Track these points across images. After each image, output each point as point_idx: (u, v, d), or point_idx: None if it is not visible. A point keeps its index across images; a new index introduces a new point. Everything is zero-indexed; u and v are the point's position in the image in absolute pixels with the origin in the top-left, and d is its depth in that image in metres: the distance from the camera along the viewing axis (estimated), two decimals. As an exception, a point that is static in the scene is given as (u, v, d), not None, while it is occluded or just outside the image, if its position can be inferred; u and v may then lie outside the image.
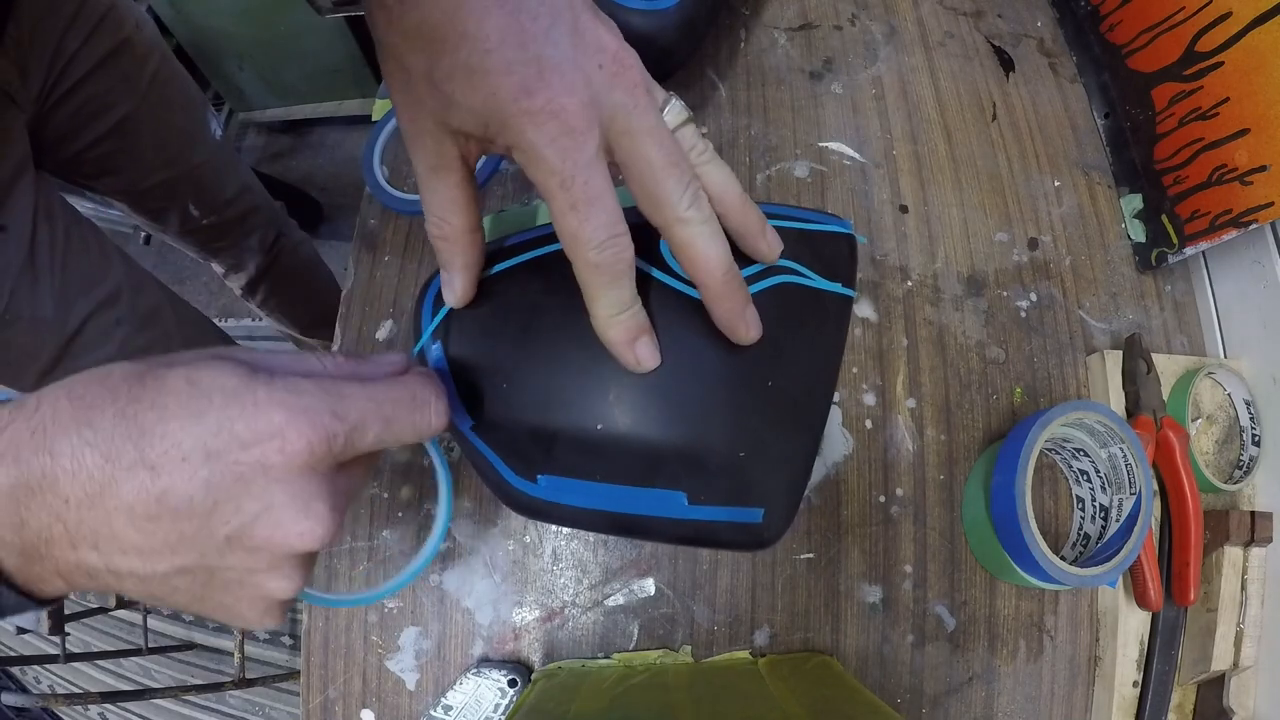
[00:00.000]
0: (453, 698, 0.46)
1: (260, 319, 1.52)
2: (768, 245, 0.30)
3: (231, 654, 1.06)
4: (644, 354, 0.28)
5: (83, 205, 1.16)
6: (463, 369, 0.31)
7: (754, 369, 0.30)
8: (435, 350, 0.31)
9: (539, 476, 0.29)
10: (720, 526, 0.30)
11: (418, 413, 0.26)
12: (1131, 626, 0.48)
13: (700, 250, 0.27)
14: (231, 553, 0.23)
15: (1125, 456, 0.45)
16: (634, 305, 0.28)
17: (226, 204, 0.93)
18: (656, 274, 0.30)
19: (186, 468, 0.22)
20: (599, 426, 0.29)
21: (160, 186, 0.83)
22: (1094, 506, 0.48)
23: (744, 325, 0.29)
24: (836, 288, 0.33)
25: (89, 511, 0.22)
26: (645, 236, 0.28)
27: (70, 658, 1.05)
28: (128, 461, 0.21)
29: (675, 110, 0.28)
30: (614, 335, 0.28)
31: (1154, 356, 0.52)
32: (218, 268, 1.05)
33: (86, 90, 0.69)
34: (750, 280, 0.30)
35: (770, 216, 0.31)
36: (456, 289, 0.30)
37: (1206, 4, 0.50)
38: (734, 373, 0.30)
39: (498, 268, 0.32)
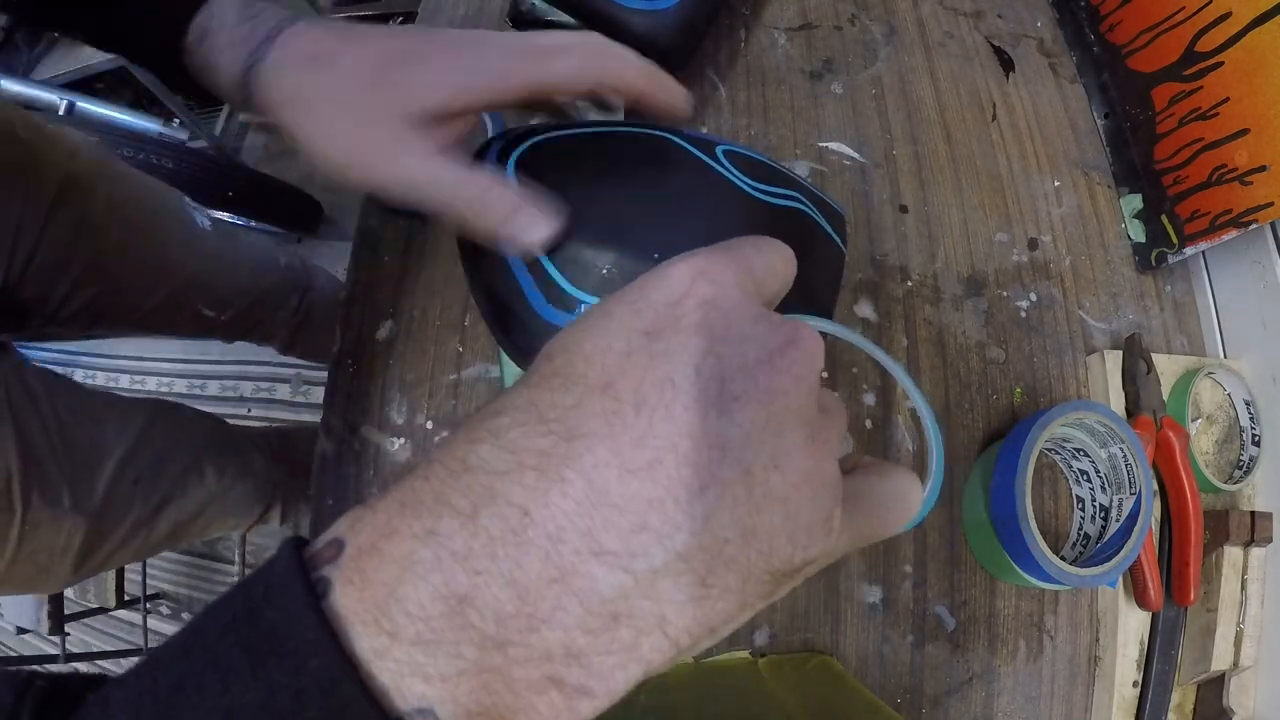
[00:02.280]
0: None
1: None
2: (675, 96, 0.31)
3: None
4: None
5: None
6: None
7: None
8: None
9: (580, 304, 0.30)
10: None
11: (777, 246, 0.23)
12: (1131, 626, 0.48)
13: (611, 69, 0.28)
14: (753, 423, 0.17)
15: (1125, 456, 0.45)
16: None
17: (241, 293, 0.85)
18: (714, 166, 0.32)
19: (639, 356, 0.17)
20: (655, 256, 0.30)
21: (160, 308, 0.75)
22: (1094, 506, 0.48)
23: (680, 98, 0.30)
24: (837, 239, 0.37)
25: (564, 499, 0.16)
26: (703, 145, 0.31)
27: (70, 658, 1.05)
28: (570, 403, 0.17)
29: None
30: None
31: (1154, 356, 0.52)
32: (250, 343, 0.97)
33: (42, 251, 0.61)
34: (772, 196, 0.33)
35: (785, 177, 0.35)
36: (539, 224, 0.28)
37: (1206, 4, 0.50)
38: None
39: (565, 132, 0.34)
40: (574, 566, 0.15)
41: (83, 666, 1.38)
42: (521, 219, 0.27)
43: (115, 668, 1.41)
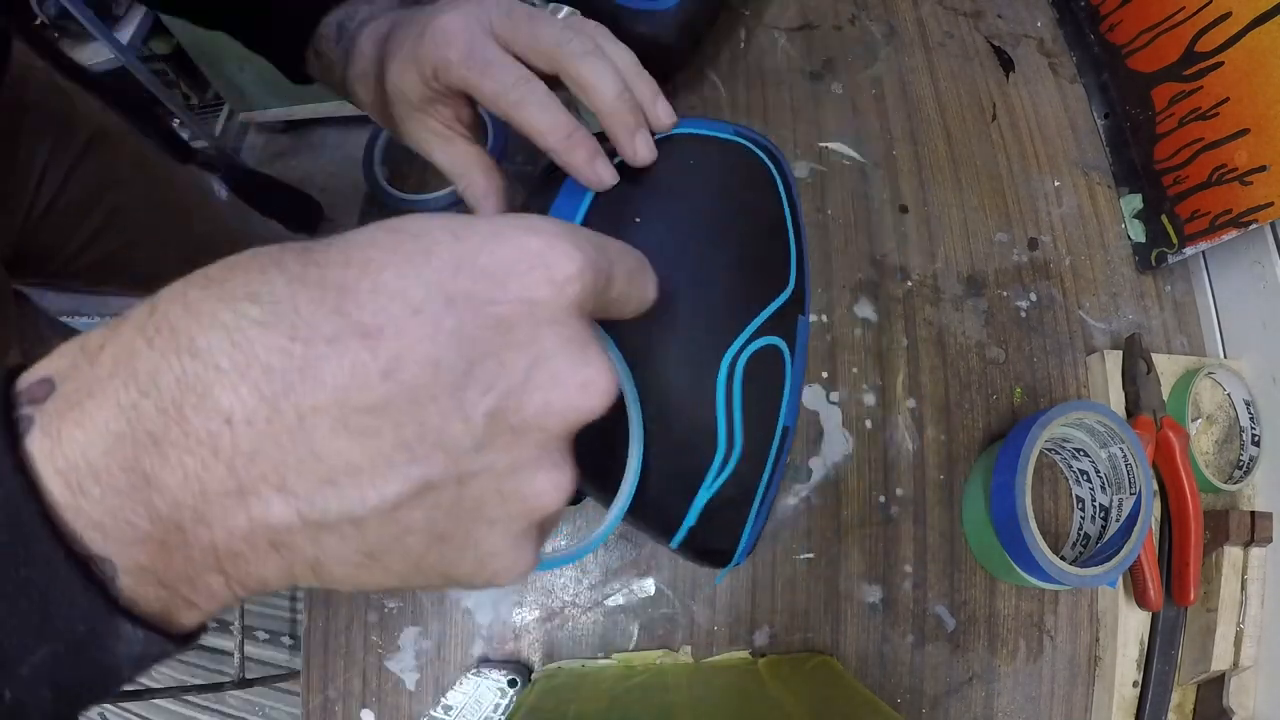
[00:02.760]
0: (453, 698, 0.46)
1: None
2: (662, 111, 0.30)
3: (231, 654, 1.06)
4: (603, 171, 0.29)
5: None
6: None
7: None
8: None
9: None
10: None
11: (646, 271, 0.22)
12: (1131, 626, 0.48)
13: (590, 77, 0.28)
14: (491, 442, 0.17)
15: (1125, 456, 0.45)
16: (576, 126, 0.29)
17: None
18: None
19: (423, 321, 0.16)
20: (637, 220, 0.30)
21: (171, 271, 0.76)
22: (1094, 506, 0.48)
23: (633, 145, 0.29)
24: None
25: (268, 427, 0.15)
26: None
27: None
28: (328, 332, 0.15)
29: (564, 11, 0.32)
30: (575, 156, 0.28)
31: (1154, 356, 0.52)
32: None
33: (67, 196, 0.63)
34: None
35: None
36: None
37: (1206, 4, 0.50)
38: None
39: None
40: (255, 489, 0.15)
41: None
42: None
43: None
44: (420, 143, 0.33)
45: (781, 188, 0.32)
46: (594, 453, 0.22)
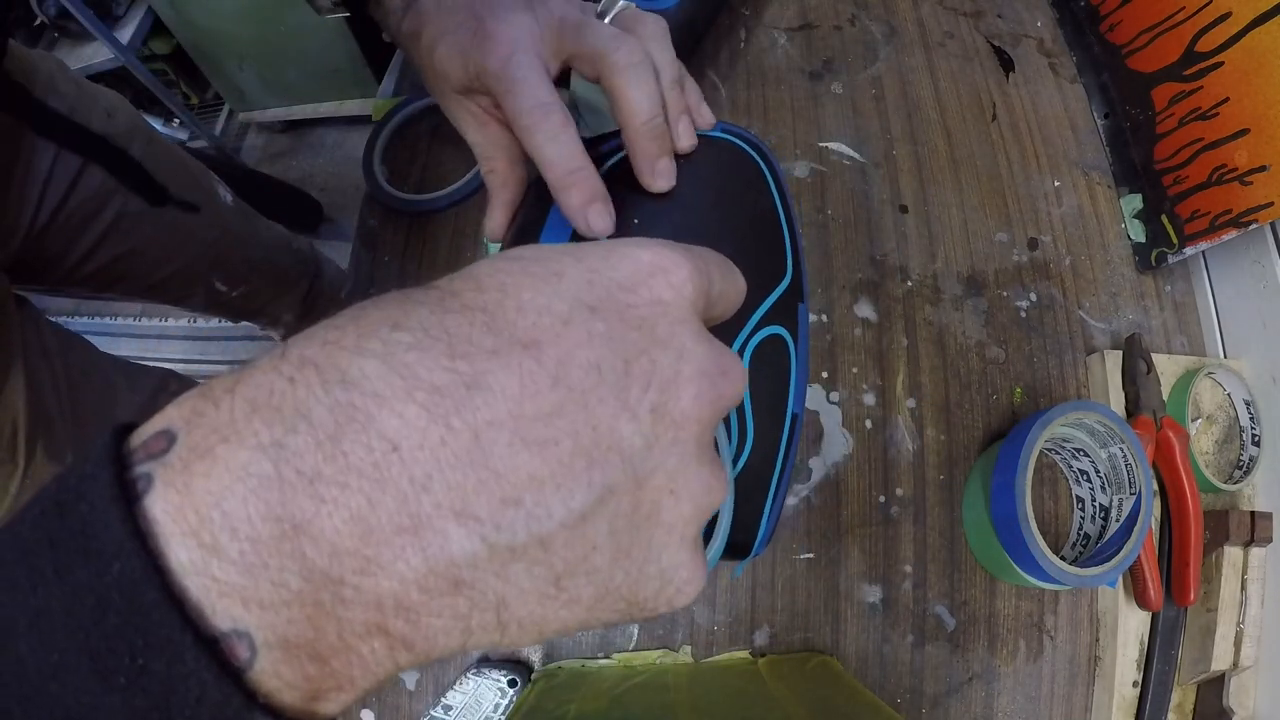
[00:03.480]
0: (453, 698, 0.46)
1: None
2: (683, 132, 0.31)
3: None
4: (595, 220, 0.28)
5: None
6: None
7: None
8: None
9: None
10: None
11: (734, 270, 0.22)
12: (1131, 626, 0.48)
13: (625, 94, 0.28)
14: (659, 439, 0.16)
15: (1125, 456, 0.45)
16: (580, 165, 0.28)
17: (254, 270, 0.86)
18: None
19: (576, 329, 0.16)
20: (635, 222, 0.30)
21: (177, 276, 0.75)
22: (1094, 506, 0.48)
23: (651, 175, 0.29)
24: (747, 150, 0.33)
25: (442, 449, 0.14)
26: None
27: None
28: (489, 346, 0.15)
29: (618, 6, 0.32)
30: (570, 198, 0.28)
31: (1154, 356, 0.52)
32: (253, 325, 0.98)
33: (70, 205, 0.62)
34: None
35: None
36: (495, 220, 0.33)
37: (1206, 4, 0.50)
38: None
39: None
40: (430, 520, 0.14)
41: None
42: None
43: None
44: (455, 118, 0.33)
45: (770, 180, 0.32)
46: None
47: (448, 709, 0.46)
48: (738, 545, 0.29)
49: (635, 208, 0.29)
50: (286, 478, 0.13)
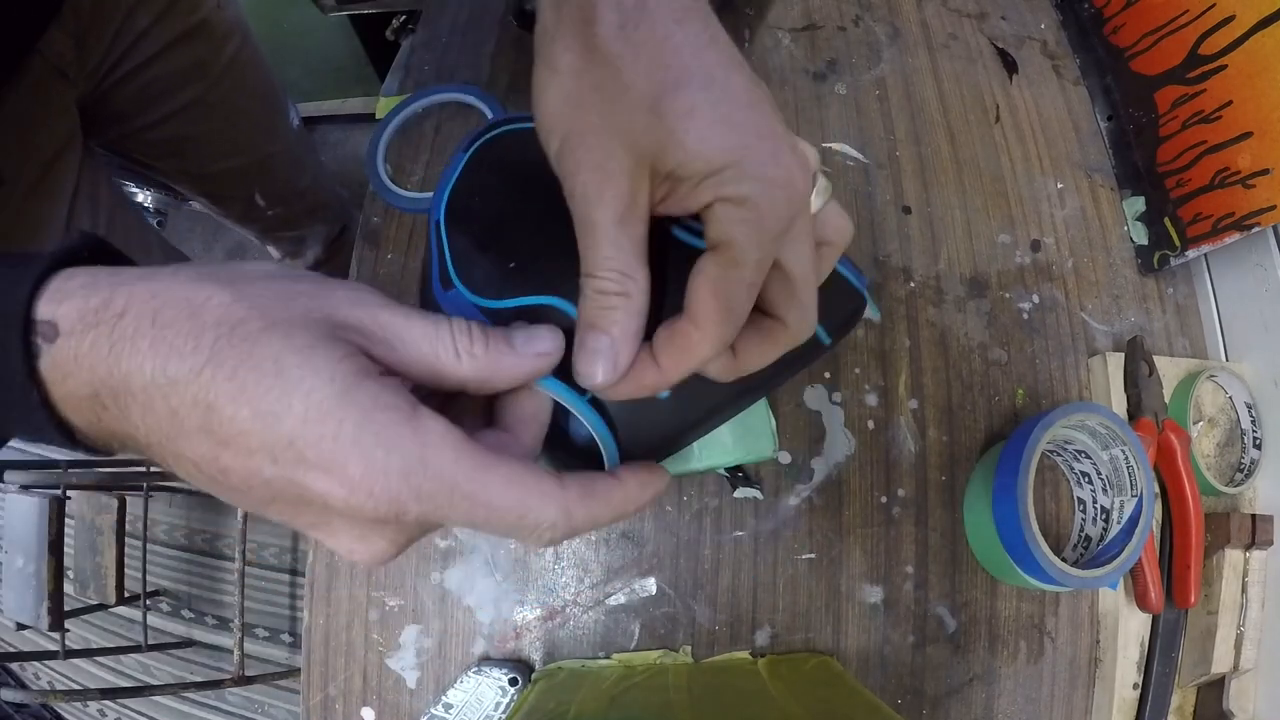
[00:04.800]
0: (453, 696, 0.46)
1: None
2: (807, 325, 0.25)
3: (231, 651, 1.07)
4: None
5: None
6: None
7: None
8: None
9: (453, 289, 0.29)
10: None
11: (521, 529, 0.22)
12: (1132, 628, 0.48)
13: (702, 298, 0.23)
14: (300, 515, 0.22)
15: (1127, 459, 0.45)
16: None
17: (296, 196, 0.89)
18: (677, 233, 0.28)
19: (250, 462, 0.20)
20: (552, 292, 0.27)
21: (227, 174, 0.79)
22: (1095, 508, 0.48)
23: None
24: (821, 334, 0.29)
25: (162, 446, 0.21)
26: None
27: (70, 654, 1.05)
28: (194, 425, 0.20)
29: (822, 189, 0.25)
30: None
31: (1156, 359, 0.52)
32: (274, 251, 1.01)
33: (154, 70, 0.64)
34: (695, 235, 0.27)
35: None
36: (621, 359, 0.23)
37: (1210, 7, 0.50)
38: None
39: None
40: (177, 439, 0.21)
41: (82, 663, 1.38)
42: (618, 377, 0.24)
43: (115, 665, 1.41)
44: (603, 192, 0.23)
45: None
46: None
47: (448, 707, 0.46)
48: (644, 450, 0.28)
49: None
50: (97, 392, 0.20)
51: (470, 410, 0.26)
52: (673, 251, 0.27)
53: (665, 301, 0.25)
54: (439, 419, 0.21)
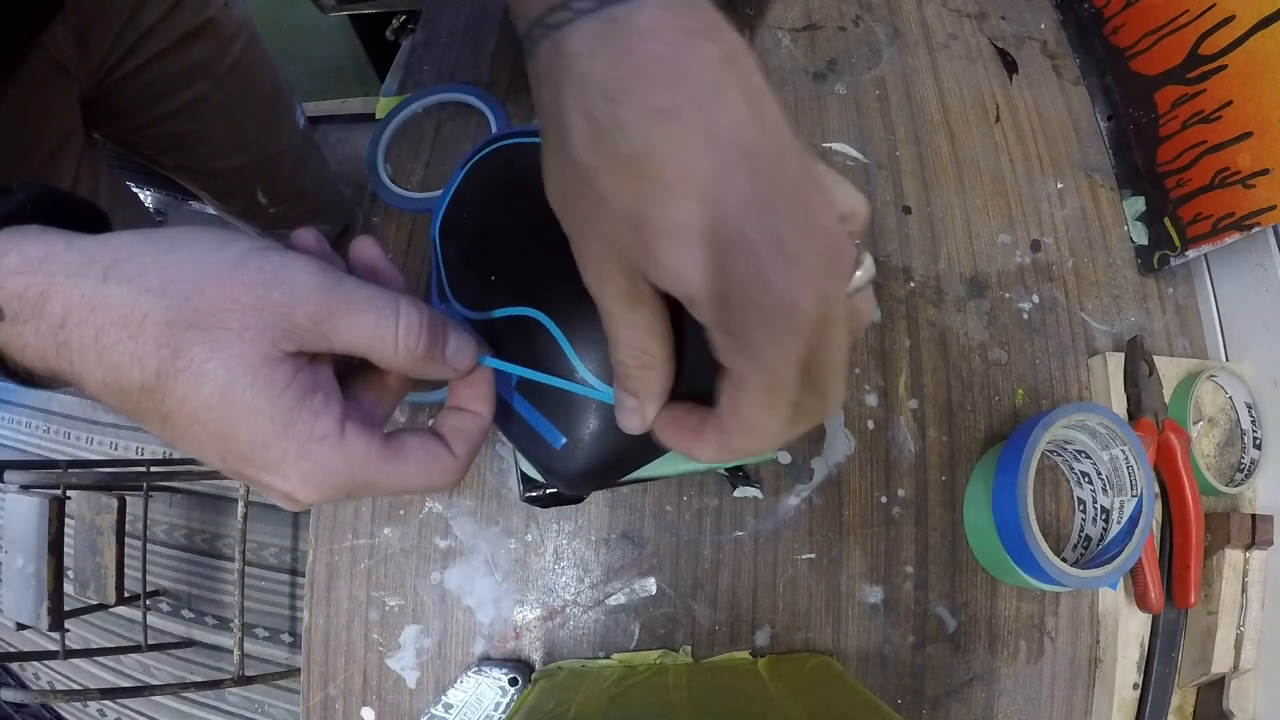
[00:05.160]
0: (453, 696, 0.46)
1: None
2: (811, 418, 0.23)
3: (231, 651, 1.07)
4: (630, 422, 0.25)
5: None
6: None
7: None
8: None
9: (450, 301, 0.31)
10: (525, 424, 0.29)
11: (432, 491, 0.27)
12: (1132, 628, 0.48)
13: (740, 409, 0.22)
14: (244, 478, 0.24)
15: (1127, 458, 0.45)
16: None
17: (297, 196, 0.89)
18: None
19: (203, 450, 0.23)
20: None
21: (229, 171, 0.79)
22: (1095, 508, 0.48)
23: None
24: None
25: (117, 409, 0.22)
26: None
27: (70, 654, 1.05)
28: (150, 417, 0.22)
29: (866, 268, 0.22)
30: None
31: (1156, 359, 0.52)
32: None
33: (159, 67, 0.64)
34: None
35: None
36: (648, 415, 0.24)
37: (1210, 8, 0.50)
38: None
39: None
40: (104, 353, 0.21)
41: (82, 663, 1.38)
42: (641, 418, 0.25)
43: (115, 665, 1.41)
44: (602, 287, 0.22)
45: None
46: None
47: (448, 707, 0.46)
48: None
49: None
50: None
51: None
52: None
53: (701, 354, 0.24)
54: (360, 436, 0.24)
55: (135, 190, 1.22)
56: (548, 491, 0.39)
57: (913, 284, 0.55)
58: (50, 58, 0.56)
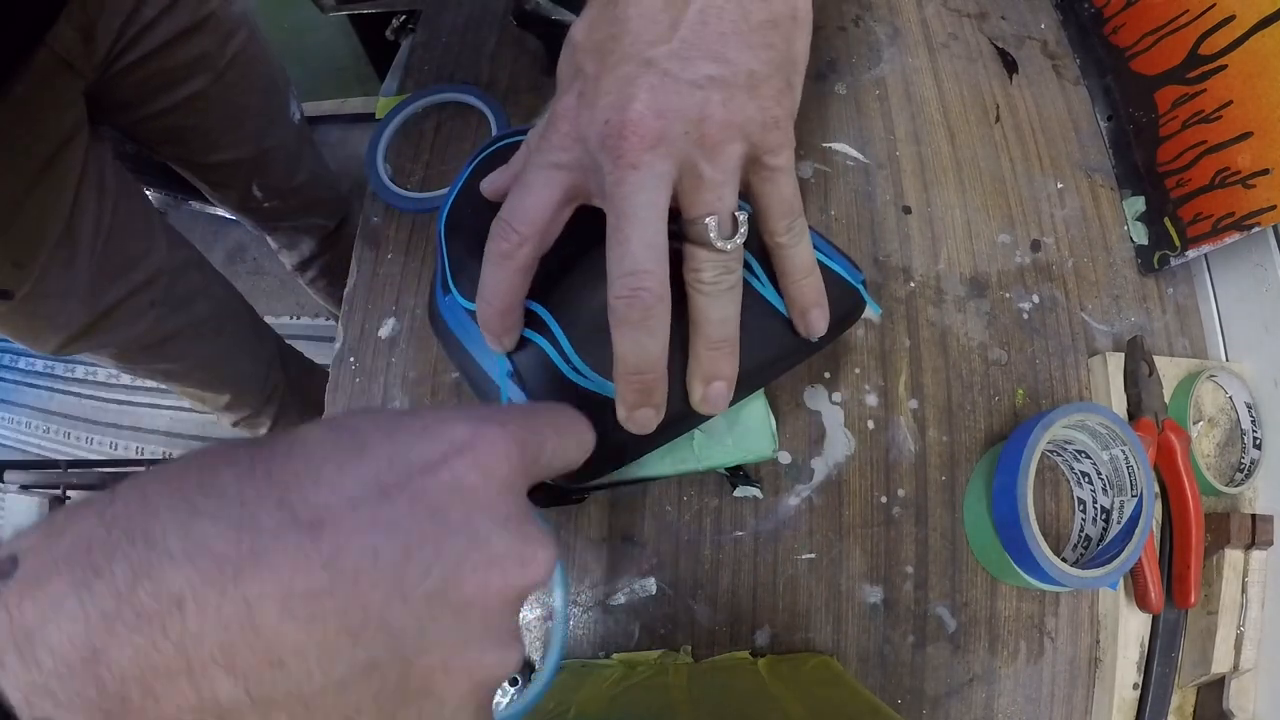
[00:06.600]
0: (453, 696, 0.46)
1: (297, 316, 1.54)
2: (808, 323, 0.32)
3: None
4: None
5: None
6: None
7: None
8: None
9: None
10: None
11: (578, 426, 0.24)
12: (1132, 628, 0.48)
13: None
14: (435, 623, 0.18)
15: (1127, 458, 0.45)
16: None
17: (292, 191, 0.89)
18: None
19: (360, 514, 0.17)
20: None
21: (225, 165, 0.79)
22: (1095, 508, 0.48)
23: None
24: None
25: (217, 612, 0.16)
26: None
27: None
28: (272, 526, 0.17)
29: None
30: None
31: (1156, 359, 0.52)
32: (272, 242, 1.02)
33: (158, 62, 0.65)
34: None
35: None
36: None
37: (1210, 7, 0.50)
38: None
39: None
40: (202, 669, 0.16)
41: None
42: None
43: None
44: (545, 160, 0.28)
45: None
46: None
47: (448, 707, 0.46)
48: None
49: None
50: (90, 615, 0.15)
51: None
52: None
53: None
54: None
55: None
56: (547, 491, 0.39)
57: (913, 284, 0.55)
58: (56, 55, 0.56)
